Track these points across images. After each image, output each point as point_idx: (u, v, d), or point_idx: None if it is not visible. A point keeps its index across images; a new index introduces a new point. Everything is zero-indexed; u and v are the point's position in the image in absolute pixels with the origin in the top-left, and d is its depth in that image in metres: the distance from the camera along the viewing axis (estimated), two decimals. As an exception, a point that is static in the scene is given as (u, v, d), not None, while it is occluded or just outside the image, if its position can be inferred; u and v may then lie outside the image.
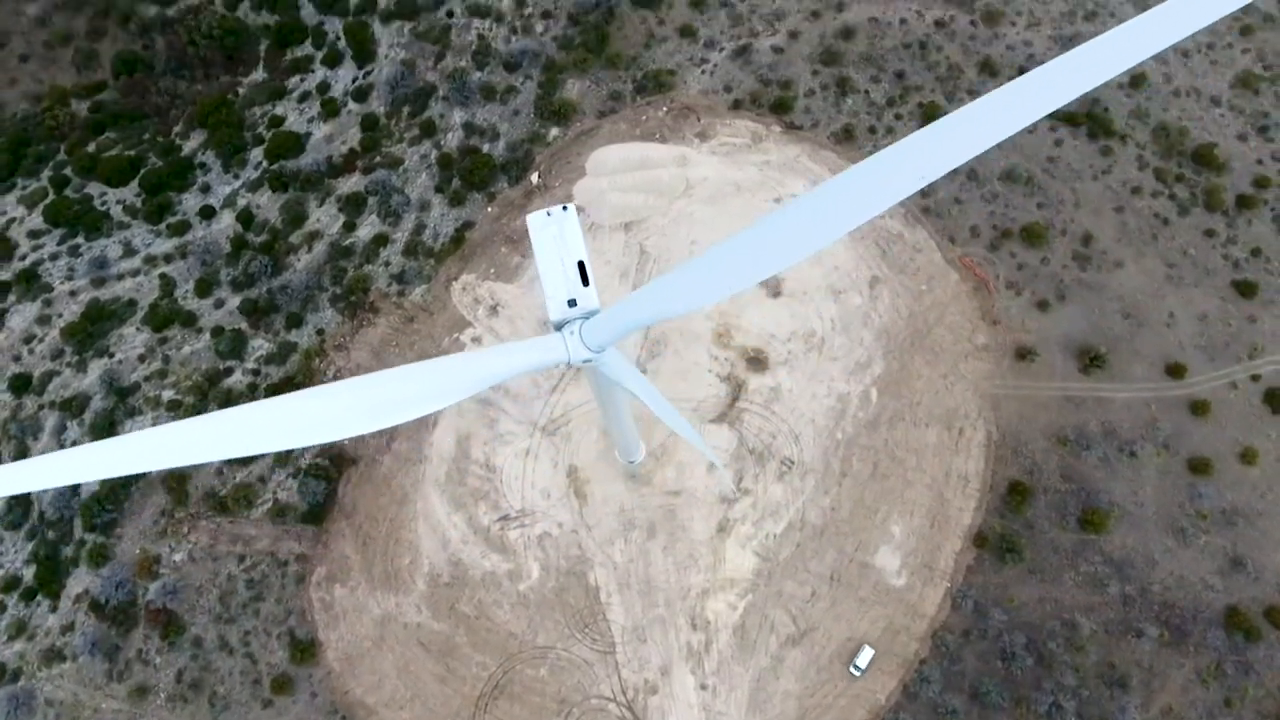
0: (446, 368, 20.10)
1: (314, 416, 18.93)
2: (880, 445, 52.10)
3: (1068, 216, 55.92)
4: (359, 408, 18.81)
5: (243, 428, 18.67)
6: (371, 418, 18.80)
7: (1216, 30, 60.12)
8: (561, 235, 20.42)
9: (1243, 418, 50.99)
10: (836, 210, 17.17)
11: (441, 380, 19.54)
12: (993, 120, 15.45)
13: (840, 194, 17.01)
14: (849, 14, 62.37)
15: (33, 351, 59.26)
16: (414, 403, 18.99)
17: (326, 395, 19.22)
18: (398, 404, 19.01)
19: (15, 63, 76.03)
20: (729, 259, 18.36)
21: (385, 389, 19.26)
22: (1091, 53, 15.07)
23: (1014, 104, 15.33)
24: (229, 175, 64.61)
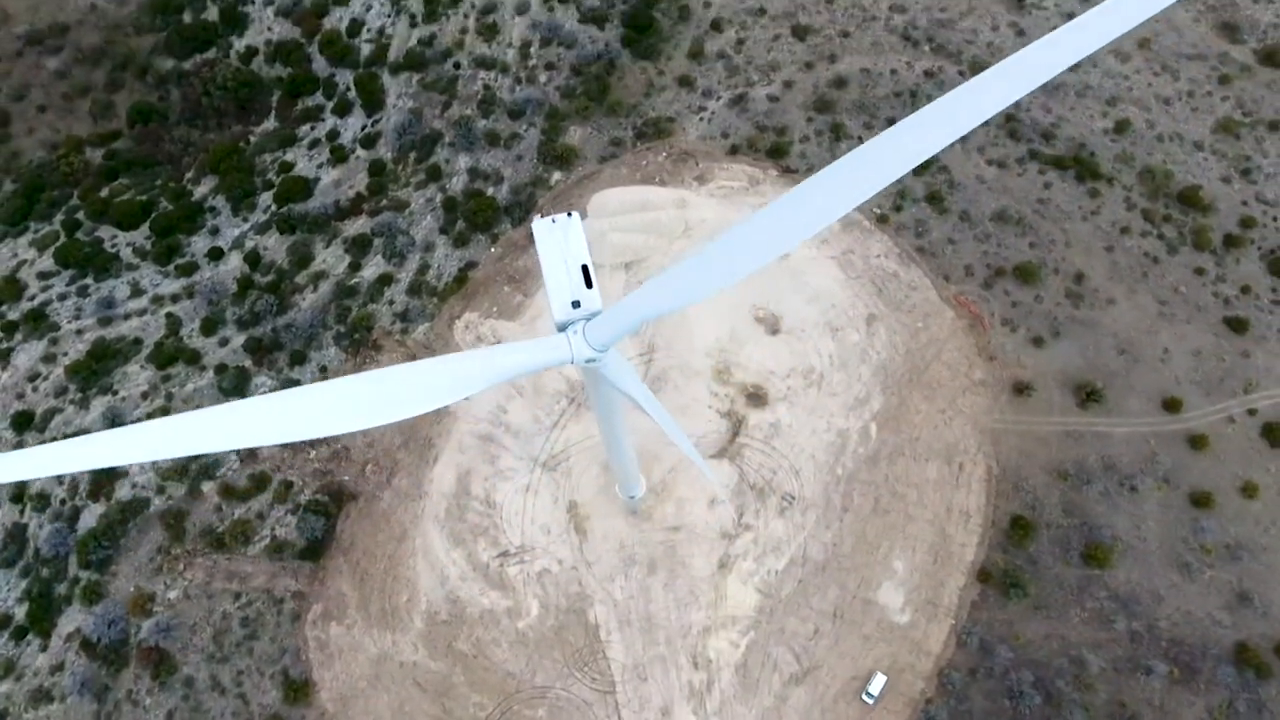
0: (457, 364, 20.54)
1: (327, 408, 19.25)
2: (881, 480, 52.06)
3: (1059, 255, 57.05)
4: (374, 400, 19.16)
5: (258, 418, 18.95)
6: (386, 409, 19.12)
7: (1195, 80, 62.38)
8: (566, 240, 21.11)
9: (1241, 452, 51.11)
10: (812, 210, 18.04)
11: (452, 375, 19.95)
12: (945, 123, 16.31)
13: (815, 194, 17.87)
14: (841, 65, 64.72)
15: (36, 389, 59.60)
16: (426, 396, 19.36)
17: (339, 388, 19.56)
18: (410, 397, 19.35)
19: (34, 113, 78.43)
20: (718, 257, 19.14)
21: (399, 383, 19.62)
22: (1028, 58, 16.10)
23: (960, 109, 16.26)
24: (238, 218, 66.04)
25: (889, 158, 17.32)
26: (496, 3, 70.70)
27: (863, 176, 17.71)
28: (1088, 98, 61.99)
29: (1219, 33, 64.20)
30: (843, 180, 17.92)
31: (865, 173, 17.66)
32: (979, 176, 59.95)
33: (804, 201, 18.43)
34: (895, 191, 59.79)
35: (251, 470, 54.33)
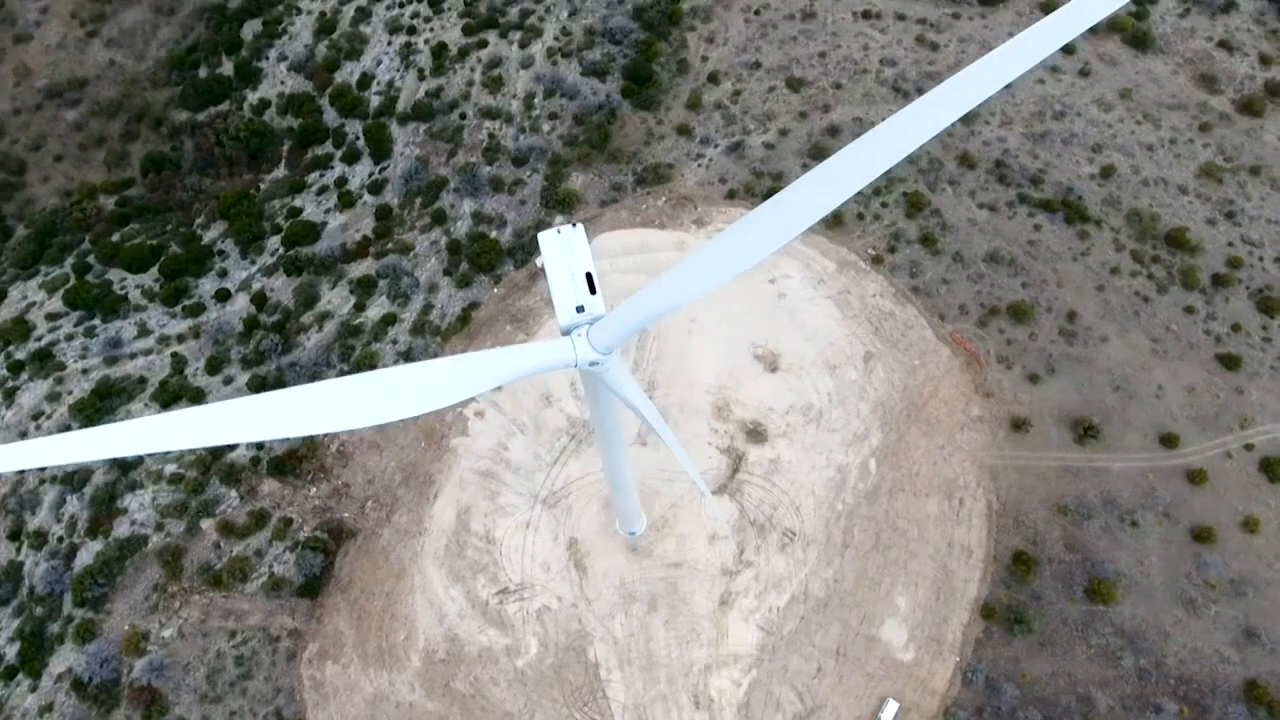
0: (467, 364, 21.08)
1: (338, 403, 19.69)
2: (881, 516, 52.01)
3: (1051, 295, 58.14)
4: (385, 396, 19.62)
5: (269, 412, 19.38)
6: (397, 406, 19.60)
7: (1177, 127, 64.55)
8: (570, 249, 21.96)
9: (1240, 486, 51.24)
10: (795, 213, 19.07)
11: (463, 374, 20.47)
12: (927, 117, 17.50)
13: (799, 199, 18.94)
14: (834, 115, 67.00)
15: (39, 427, 59.87)
16: (437, 393, 19.89)
17: (352, 385, 20.04)
18: (422, 394, 19.85)
19: (50, 162, 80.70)
20: (711, 261, 20.03)
21: (411, 381, 20.13)
22: (973, 74, 17.37)
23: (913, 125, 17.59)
24: (246, 261, 67.39)
25: (868, 159, 18.37)
26: (502, 57, 73.54)
27: (843, 179, 18.73)
28: (1073, 144, 64.03)
29: (1197, 84, 66.71)
30: (822, 184, 18.97)
31: (845, 176, 18.70)
32: (970, 219, 61.50)
33: (787, 205, 19.42)
34: (889, 233, 61.27)
35: (251, 507, 54.26)
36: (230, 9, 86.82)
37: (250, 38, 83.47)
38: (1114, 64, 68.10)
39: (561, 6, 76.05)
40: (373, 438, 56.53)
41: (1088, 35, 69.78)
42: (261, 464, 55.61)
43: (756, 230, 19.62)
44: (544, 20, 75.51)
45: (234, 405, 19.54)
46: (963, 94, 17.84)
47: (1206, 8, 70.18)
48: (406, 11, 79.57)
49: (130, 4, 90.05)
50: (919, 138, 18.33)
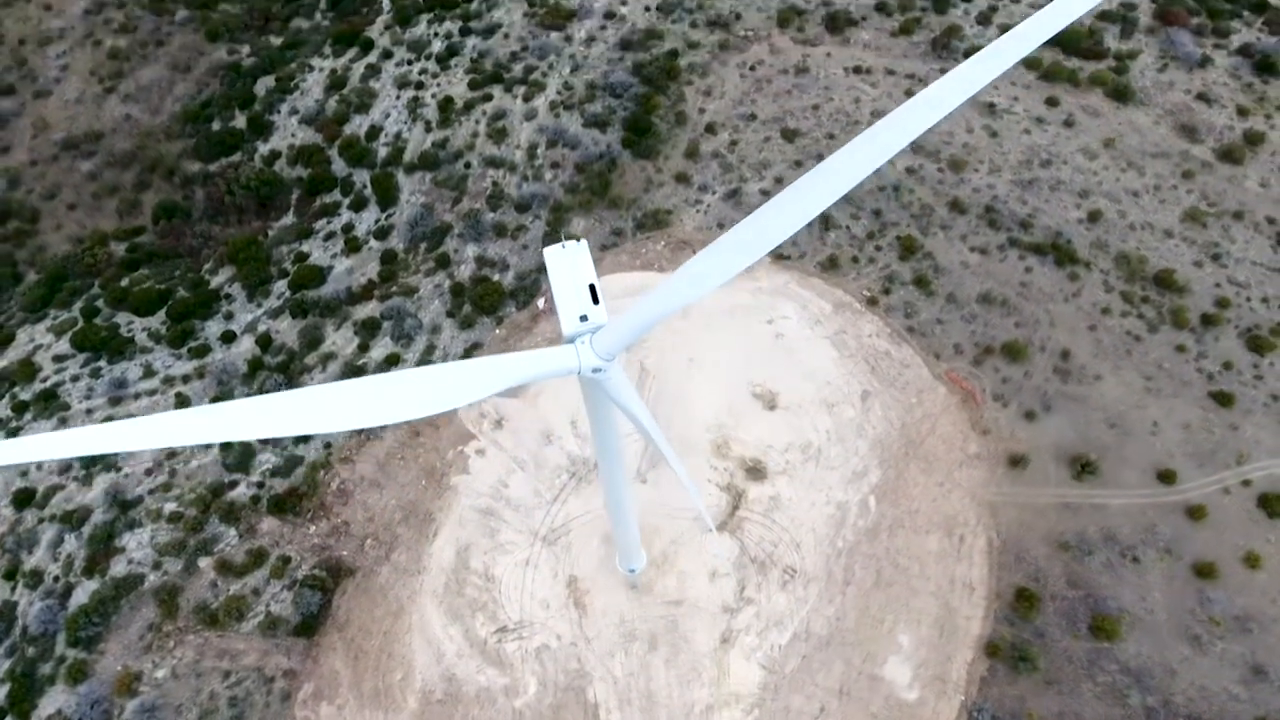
0: (473, 369, 21.72)
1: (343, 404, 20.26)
2: (882, 553, 51.89)
3: (1044, 334, 59.11)
4: (394, 398, 20.24)
5: (269, 413, 19.92)
6: (404, 408, 20.21)
7: (1160, 175, 66.59)
8: (574, 263, 22.91)
9: (1240, 522, 51.29)
10: (779, 222, 20.16)
11: (469, 379, 21.12)
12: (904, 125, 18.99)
13: (783, 208, 20.03)
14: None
15: (40, 466, 60.01)
16: (445, 395, 20.51)
17: (359, 387, 20.65)
18: (428, 397, 20.48)
19: (63, 210, 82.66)
20: (703, 269, 20.98)
21: (417, 383, 20.77)
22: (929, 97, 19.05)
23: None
24: (252, 304, 68.50)
25: (853, 166, 19.63)
26: (506, 110, 76.17)
27: (826, 185, 19.91)
28: (1060, 191, 65.93)
29: (1178, 134, 69.06)
30: (806, 191, 20.13)
31: (828, 181, 19.88)
32: (963, 262, 62.92)
33: (772, 213, 20.46)
34: (884, 276, 62.59)
35: (250, 545, 54.07)
36: (245, 66, 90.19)
37: (263, 93, 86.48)
38: (1097, 115, 70.60)
39: (564, 63, 79.11)
40: (374, 475, 56.71)
41: (1070, 89, 72.65)
42: (262, 502, 55.64)
43: (742, 240, 20.67)
44: (547, 75, 78.45)
45: (249, 404, 20.13)
46: (937, 101, 19.16)
47: (1184, 63, 73.12)
48: (415, 68, 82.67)
49: (148, 62, 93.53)
50: (905, 138, 19.56)
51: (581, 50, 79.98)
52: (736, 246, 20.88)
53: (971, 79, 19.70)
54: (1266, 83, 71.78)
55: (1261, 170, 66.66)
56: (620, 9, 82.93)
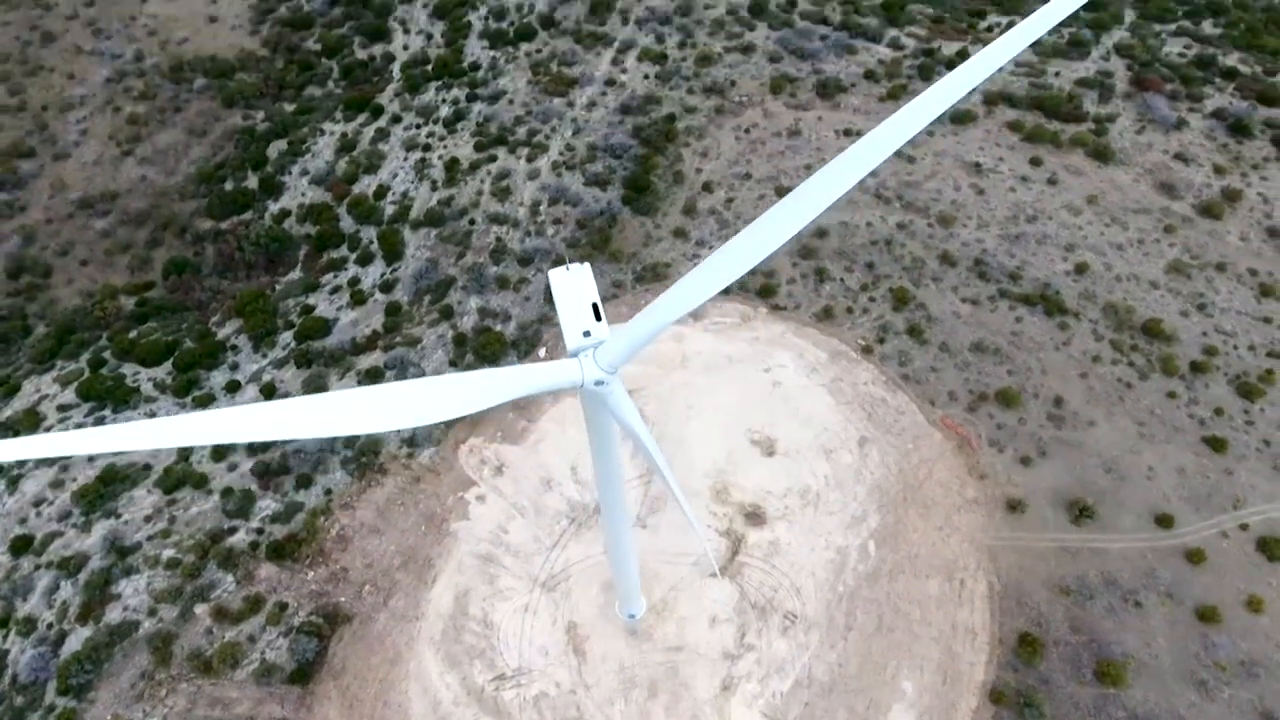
0: (479, 380, 22.57)
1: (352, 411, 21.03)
2: (883, 598, 51.63)
3: (1037, 382, 60.11)
4: (402, 405, 21.04)
5: (274, 417, 20.64)
6: (409, 414, 21.01)
7: (1143, 229, 68.78)
8: (577, 284, 24.10)
9: (1240, 566, 51.26)
10: (755, 244, 21.57)
11: (475, 389, 21.96)
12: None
13: (769, 224, 21.52)
14: (821, 218, 70.77)
15: (40, 514, 59.99)
16: (452, 404, 21.33)
17: (365, 396, 21.45)
18: (435, 405, 21.29)
19: (75, 266, 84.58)
20: (697, 280, 22.27)
21: (426, 391, 21.60)
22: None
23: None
24: (258, 355, 69.62)
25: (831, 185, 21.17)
26: (510, 170, 78.97)
27: (810, 202, 21.42)
28: (1047, 244, 67.98)
29: (1158, 191, 71.61)
30: (788, 210, 21.67)
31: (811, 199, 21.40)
32: (955, 312, 64.41)
33: (759, 230, 21.89)
34: (878, 326, 63.96)
35: (247, 592, 53.71)
36: (259, 131, 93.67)
37: (275, 155, 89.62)
38: (1079, 174, 73.30)
39: (566, 126, 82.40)
40: (374, 522, 56.73)
41: (1053, 149, 75.61)
42: (260, 548, 55.50)
43: (729, 255, 22.04)
44: (550, 138, 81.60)
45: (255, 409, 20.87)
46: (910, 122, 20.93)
47: (1160, 126, 76.34)
48: (423, 132, 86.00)
49: (165, 126, 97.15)
50: (872, 162, 21.13)
51: (583, 114, 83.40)
52: (724, 263, 22.27)
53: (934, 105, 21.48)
54: (1241, 143, 74.83)
55: (1241, 225, 68.91)
56: (620, 76, 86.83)
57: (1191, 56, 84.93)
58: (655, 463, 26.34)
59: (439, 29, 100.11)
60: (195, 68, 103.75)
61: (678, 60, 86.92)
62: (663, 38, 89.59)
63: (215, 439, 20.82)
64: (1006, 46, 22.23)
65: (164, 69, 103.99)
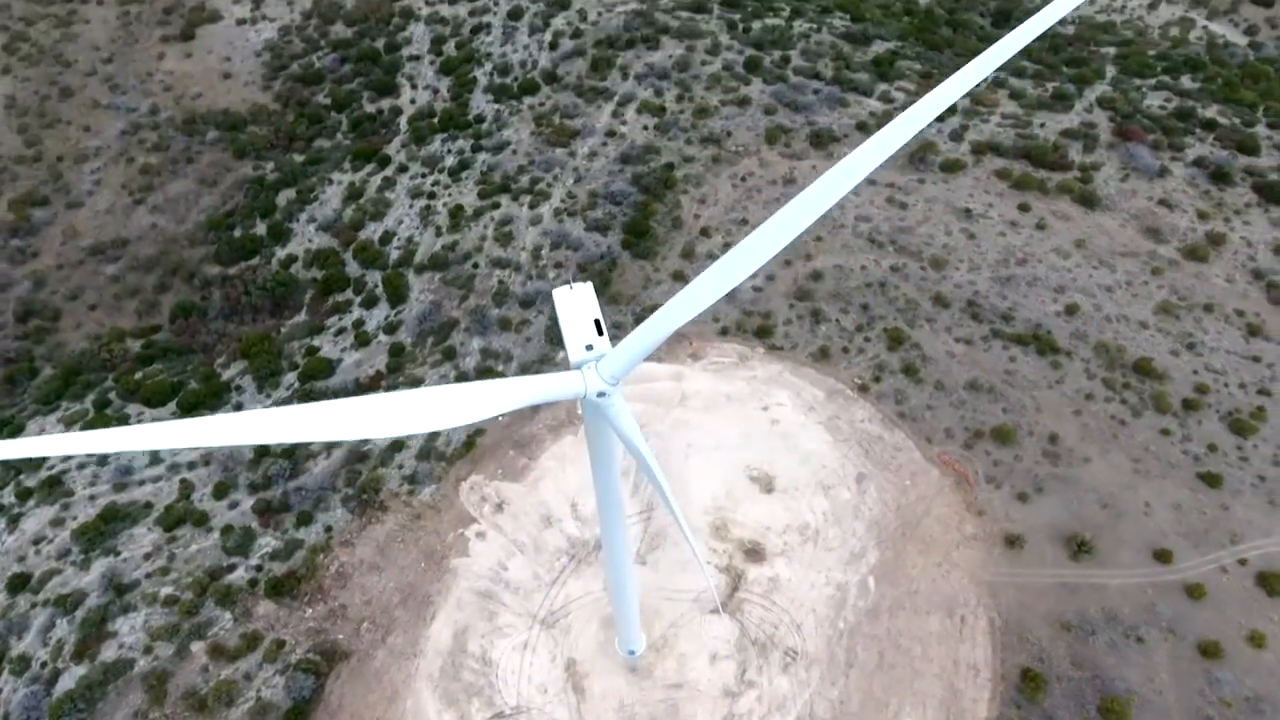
0: (486, 388, 23.36)
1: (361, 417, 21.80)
2: (884, 634, 51.39)
3: (1032, 419, 60.84)
4: (412, 412, 21.76)
5: (287, 421, 21.33)
6: (414, 421, 21.75)
7: (1131, 272, 70.41)
8: (580, 301, 25.16)
9: (1240, 601, 51.20)
10: (750, 255, 22.81)
11: (482, 397, 22.72)
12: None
13: (755, 241, 22.79)
14: (816, 262, 73.12)
15: (39, 552, 59.93)
16: (459, 411, 22.08)
17: (376, 403, 22.18)
18: (440, 413, 22.04)
19: (84, 310, 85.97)
20: (692, 293, 23.36)
21: (435, 400, 22.35)
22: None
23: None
24: (262, 395, 70.39)
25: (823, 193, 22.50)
26: (513, 216, 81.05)
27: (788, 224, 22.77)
28: (1037, 286, 69.50)
29: (1144, 235, 73.53)
30: (778, 225, 23.02)
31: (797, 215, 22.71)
32: (949, 352, 65.51)
33: (747, 249, 23.13)
34: (873, 365, 64.98)
35: (244, 629, 53.43)
36: (268, 180, 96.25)
37: (284, 203, 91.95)
38: (1067, 219, 75.35)
39: (568, 174, 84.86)
40: (373, 559, 56.72)
41: (1040, 196, 77.82)
42: (259, 585, 55.37)
43: (717, 273, 23.27)
44: (552, 186, 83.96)
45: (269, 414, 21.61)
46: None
47: (1144, 173, 78.76)
48: (428, 180, 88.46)
49: (177, 176, 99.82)
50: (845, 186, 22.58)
51: (584, 164, 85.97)
52: (714, 279, 23.46)
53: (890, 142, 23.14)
54: (1223, 190, 77.13)
55: (1226, 267, 70.60)
56: (620, 128, 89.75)
57: (1171, 109, 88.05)
58: (654, 477, 26.93)
59: (445, 84, 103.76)
60: (208, 121, 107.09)
61: (676, 112, 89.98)
62: (661, 92, 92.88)
63: (234, 440, 21.47)
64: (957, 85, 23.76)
65: (177, 122, 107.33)
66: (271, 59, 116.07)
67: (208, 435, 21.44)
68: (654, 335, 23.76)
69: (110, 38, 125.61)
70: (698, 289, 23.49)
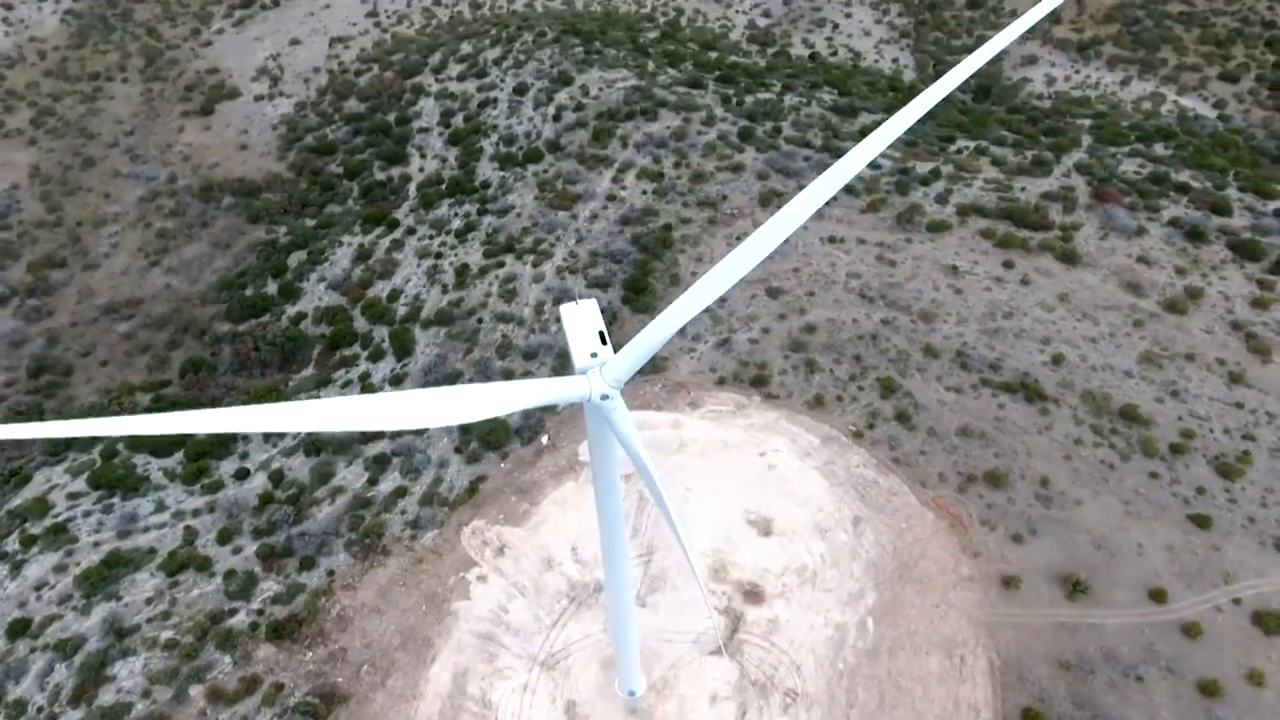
0: (495, 390, 24.97)
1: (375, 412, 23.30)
2: (884, 674, 51.45)
3: (1023, 464, 62.12)
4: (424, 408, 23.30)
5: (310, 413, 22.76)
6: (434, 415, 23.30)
7: (1114, 324, 72.83)
8: (585, 315, 27.16)
9: (1237, 640, 51.48)
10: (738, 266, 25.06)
11: (490, 397, 24.34)
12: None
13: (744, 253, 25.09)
14: (809, 316, 75.62)
15: (40, 598, 60.11)
16: (468, 409, 23.68)
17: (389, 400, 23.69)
18: (455, 409, 23.64)
19: (96, 366, 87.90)
20: (689, 299, 25.36)
21: (447, 398, 23.96)
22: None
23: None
24: (268, 445, 71.63)
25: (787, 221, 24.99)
26: (517, 274, 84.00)
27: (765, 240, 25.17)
28: (1024, 338, 71.79)
29: (1125, 290, 76.30)
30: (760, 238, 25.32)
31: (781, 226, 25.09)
32: (940, 400, 67.27)
33: (737, 259, 25.34)
34: (867, 412, 66.62)
35: (244, 672, 53.34)
36: (280, 243, 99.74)
37: (295, 264, 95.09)
38: (1049, 275, 78.30)
39: (570, 235, 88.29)
40: (375, 602, 57.00)
41: (1024, 253, 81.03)
42: (260, 629, 55.50)
43: (719, 273, 25.36)
44: (554, 246, 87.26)
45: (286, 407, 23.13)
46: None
47: (1122, 233, 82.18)
48: (435, 241, 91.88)
49: (192, 240, 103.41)
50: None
51: (586, 225, 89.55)
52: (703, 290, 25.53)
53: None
54: (1198, 248, 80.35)
55: (1205, 320, 73.06)
56: (620, 192, 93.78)
57: (1146, 174, 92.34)
58: (651, 480, 28.34)
59: (453, 153, 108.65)
60: (224, 188, 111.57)
61: (673, 178, 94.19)
62: (659, 159, 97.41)
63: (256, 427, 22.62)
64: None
65: (195, 189, 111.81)
66: (287, 131, 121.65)
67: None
68: (651, 342, 25.62)
69: (133, 112, 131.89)
70: (686, 302, 25.48)
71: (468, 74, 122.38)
